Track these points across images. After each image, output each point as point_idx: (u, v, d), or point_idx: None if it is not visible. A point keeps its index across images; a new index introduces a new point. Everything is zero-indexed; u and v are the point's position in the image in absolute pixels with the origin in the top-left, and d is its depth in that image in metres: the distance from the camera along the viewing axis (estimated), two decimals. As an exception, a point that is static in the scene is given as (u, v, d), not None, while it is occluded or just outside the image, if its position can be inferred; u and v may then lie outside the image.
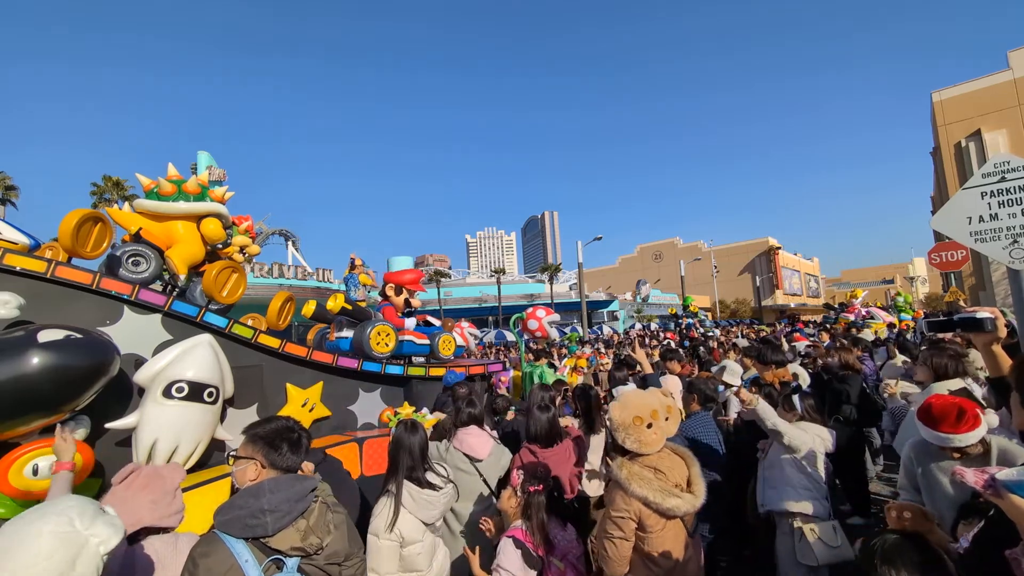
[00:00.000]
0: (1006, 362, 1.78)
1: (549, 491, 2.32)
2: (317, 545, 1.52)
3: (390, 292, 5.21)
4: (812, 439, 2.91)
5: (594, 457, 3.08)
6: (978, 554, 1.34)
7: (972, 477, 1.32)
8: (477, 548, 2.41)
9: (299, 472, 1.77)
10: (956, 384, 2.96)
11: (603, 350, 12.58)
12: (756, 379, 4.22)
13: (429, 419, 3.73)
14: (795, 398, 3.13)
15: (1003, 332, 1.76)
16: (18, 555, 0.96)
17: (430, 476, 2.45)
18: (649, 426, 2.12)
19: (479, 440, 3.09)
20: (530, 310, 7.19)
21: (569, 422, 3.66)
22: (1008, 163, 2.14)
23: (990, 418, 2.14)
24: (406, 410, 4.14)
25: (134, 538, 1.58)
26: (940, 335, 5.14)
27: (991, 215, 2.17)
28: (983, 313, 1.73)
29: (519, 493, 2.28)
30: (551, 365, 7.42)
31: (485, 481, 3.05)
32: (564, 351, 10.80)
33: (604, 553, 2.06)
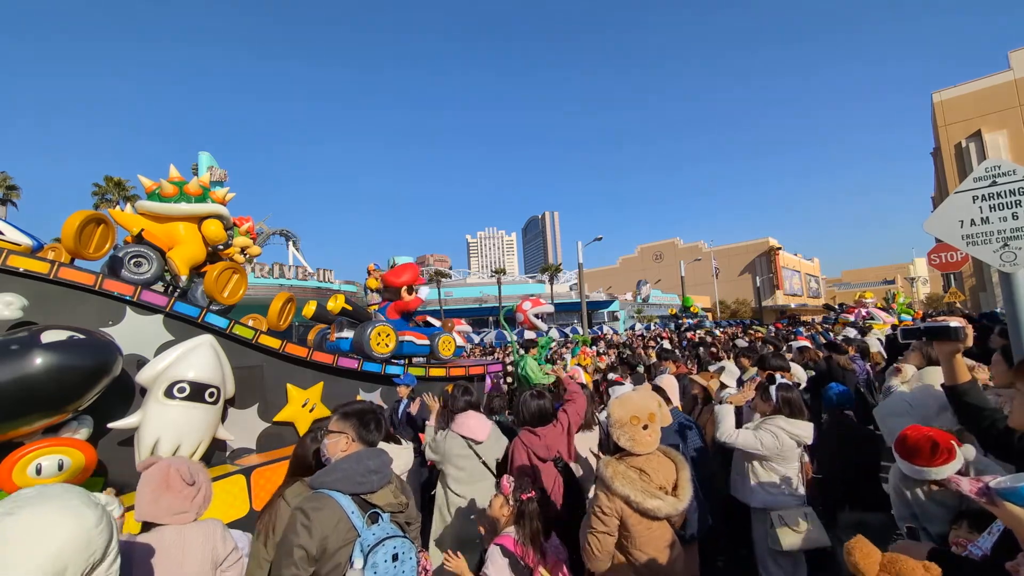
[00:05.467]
0: (963, 371, 1.86)
1: (542, 498, 2.26)
2: (404, 504, 1.79)
3: (405, 294, 5.36)
4: (771, 439, 2.90)
5: (583, 449, 3.19)
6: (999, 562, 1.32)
7: (967, 485, 1.32)
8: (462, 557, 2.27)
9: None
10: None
11: (604, 350, 12.58)
12: (753, 377, 4.20)
13: None
14: (772, 389, 3.08)
15: (969, 343, 1.83)
16: (67, 526, 0.97)
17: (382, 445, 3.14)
18: (645, 427, 2.16)
19: (478, 422, 3.09)
20: (518, 303, 7.37)
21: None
22: (999, 167, 2.17)
23: (966, 451, 2.13)
24: None
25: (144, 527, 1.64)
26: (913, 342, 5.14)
27: (982, 219, 2.20)
28: (954, 322, 1.82)
29: (511, 501, 2.21)
30: (549, 360, 7.53)
31: (484, 463, 3.04)
32: (567, 351, 10.82)
33: (587, 547, 2.08)
